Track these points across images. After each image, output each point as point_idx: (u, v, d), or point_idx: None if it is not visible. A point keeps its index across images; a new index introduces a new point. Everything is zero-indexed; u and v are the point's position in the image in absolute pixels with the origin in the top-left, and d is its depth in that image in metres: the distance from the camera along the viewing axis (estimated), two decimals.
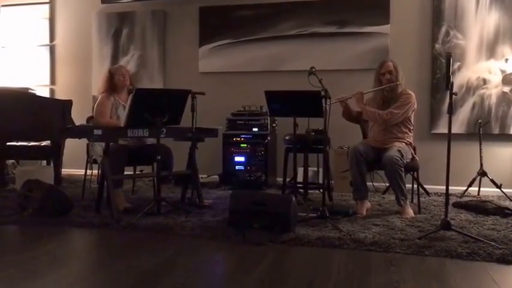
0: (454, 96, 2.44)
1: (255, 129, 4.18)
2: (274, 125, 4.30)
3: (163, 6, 4.85)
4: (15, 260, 2.13)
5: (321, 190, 3.12)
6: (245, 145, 4.15)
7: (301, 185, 3.60)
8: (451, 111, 2.43)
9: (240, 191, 3.35)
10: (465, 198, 3.61)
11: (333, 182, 3.83)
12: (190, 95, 3.10)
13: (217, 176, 4.34)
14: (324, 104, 2.79)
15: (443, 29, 4.11)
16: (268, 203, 2.60)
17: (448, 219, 2.43)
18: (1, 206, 3.16)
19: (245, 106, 4.28)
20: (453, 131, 2.49)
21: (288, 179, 3.60)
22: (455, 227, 2.46)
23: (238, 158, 4.16)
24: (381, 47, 4.22)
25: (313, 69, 2.89)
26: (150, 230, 2.62)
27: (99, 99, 3.32)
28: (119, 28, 4.96)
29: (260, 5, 4.54)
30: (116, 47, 4.98)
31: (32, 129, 3.88)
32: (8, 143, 4.06)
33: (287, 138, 3.55)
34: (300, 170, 3.66)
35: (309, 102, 3.01)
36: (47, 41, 5.21)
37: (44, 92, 5.01)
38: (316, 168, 3.93)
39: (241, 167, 4.15)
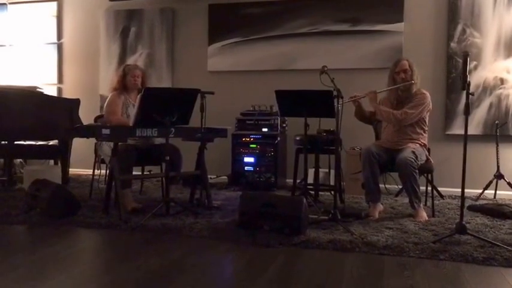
0: (470, 96, 2.38)
1: (265, 130, 4.14)
2: (284, 125, 4.26)
3: (171, 4, 4.83)
4: (23, 261, 2.12)
5: (333, 192, 3.07)
6: (255, 145, 4.12)
7: (312, 187, 3.55)
8: (467, 111, 2.38)
9: (249, 192, 3.29)
10: (481, 202, 3.55)
11: (344, 183, 3.77)
12: (199, 95, 3.07)
13: (226, 177, 4.31)
14: (336, 104, 2.75)
15: (460, 27, 4.03)
16: (278, 204, 2.57)
17: (464, 222, 2.38)
18: (9, 206, 3.17)
19: (255, 106, 4.24)
20: (469, 132, 2.44)
21: (298, 181, 3.56)
22: (470, 231, 2.41)
23: (247, 159, 4.13)
24: (394, 46, 4.15)
25: (325, 68, 2.86)
26: (158, 231, 2.61)
27: (109, 97, 3.31)
28: (127, 26, 4.94)
29: (270, 2, 4.50)
30: (124, 45, 4.96)
31: (39, 128, 3.87)
32: (15, 142, 4.05)
33: (298, 138, 3.51)
34: (311, 172, 3.61)
35: (320, 102, 2.98)
36: (55, 39, 5.22)
37: (51, 91, 5.01)
38: (327, 170, 3.88)
39: (251, 168, 4.12)
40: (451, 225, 2.71)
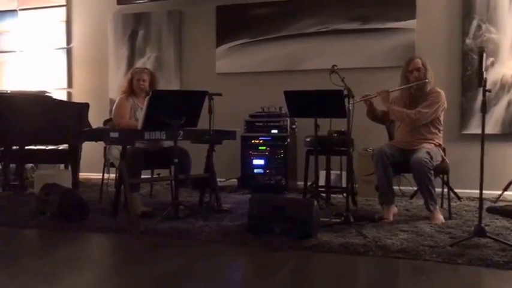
0: (487, 93, 2.31)
1: (274, 131, 4.10)
2: (294, 126, 4.21)
3: (179, 6, 4.83)
4: (34, 264, 2.13)
5: (345, 194, 3.02)
6: (264, 147, 4.08)
7: (323, 189, 3.50)
8: (484, 109, 2.31)
9: (259, 195, 3.26)
10: (500, 203, 3.45)
11: (357, 185, 3.72)
12: (207, 97, 3.06)
13: (235, 180, 4.28)
14: (347, 104, 2.70)
15: (475, 23, 3.93)
16: (289, 207, 2.53)
17: (483, 225, 2.31)
18: (21, 210, 3.20)
19: (264, 107, 4.22)
20: (486, 131, 2.38)
21: (309, 183, 3.50)
22: (490, 234, 2.33)
23: (257, 161, 4.09)
24: (406, 44, 4.07)
25: (335, 68, 2.83)
26: (167, 234, 2.59)
27: (117, 101, 3.32)
28: (135, 29, 4.97)
29: (279, 2, 4.47)
30: (132, 48, 4.99)
31: (49, 132, 3.90)
32: (26, 147, 4.09)
33: (308, 140, 3.47)
34: (322, 174, 3.57)
35: (331, 102, 2.93)
36: (64, 44, 5.27)
37: (61, 95, 5.05)
38: (339, 172, 3.83)
39: (260, 170, 4.08)
40: (469, 227, 2.64)
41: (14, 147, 4.05)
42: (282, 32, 4.44)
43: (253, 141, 4.11)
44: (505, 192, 3.63)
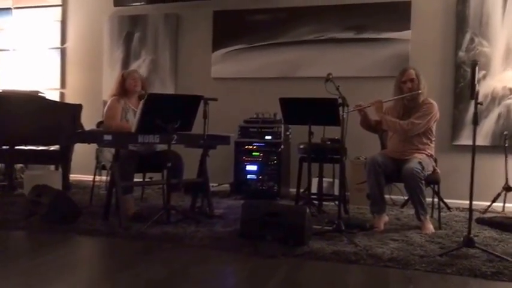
0: (479, 106, 2.34)
1: (268, 137, 4.10)
2: (288, 133, 4.22)
3: (176, 10, 4.83)
4: (22, 267, 2.11)
5: (337, 202, 3.02)
6: (257, 153, 4.08)
7: (315, 197, 3.50)
8: (476, 121, 2.34)
9: (252, 201, 3.25)
10: (489, 214, 3.49)
11: (349, 194, 3.73)
12: (202, 101, 3.05)
13: (228, 185, 4.26)
14: (341, 112, 2.72)
15: (468, 36, 3.98)
16: (281, 214, 2.53)
17: (472, 235, 2.33)
18: (9, 211, 3.16)
19: (258, 113, 4.21)
20: (477, 142, 2.41)
21: (301, 190, 3.50)
22: (479, 245, 2.36)
23: (250, 167, 4.08)
24: (401, 54, 4.11)
25: (330, 76, 2.85)
26: (159, 239, 2.57)
27: (109, 102, 3.29)
28: (130, 32, 4.94)
29: (276, 9, 4.49)
30: (128, 51, 4.96)
31: (40, 133, 3.85)
32: (16, 147, 4.03)
33: (301, 147, 3.48)
34: (315, 181, 3.57)
35: (325, 110, 2.96)
36: (58, 44, 5.22)
37: (53, 96, 4.99)
38: (331, 179, 3.83)
39: (253, 176, 4.07)
40: (458, 238, 2.66)
41: (4, 147, 3.99)
42: (278, 39, 4.45)
43: (246, 146, 4.10)
44: (494, 204, 3.66)
